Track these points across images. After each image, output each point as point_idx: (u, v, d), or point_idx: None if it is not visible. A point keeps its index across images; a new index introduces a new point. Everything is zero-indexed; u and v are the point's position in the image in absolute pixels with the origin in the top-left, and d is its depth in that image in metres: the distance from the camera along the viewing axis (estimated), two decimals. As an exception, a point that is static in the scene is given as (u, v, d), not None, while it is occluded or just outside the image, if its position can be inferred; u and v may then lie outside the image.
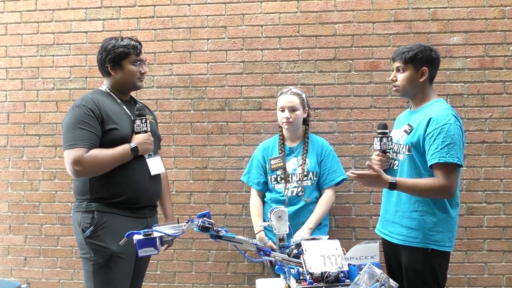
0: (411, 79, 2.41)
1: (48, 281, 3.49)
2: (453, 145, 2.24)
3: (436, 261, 2.34)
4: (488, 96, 3.24)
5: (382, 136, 2.45)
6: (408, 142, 2.39)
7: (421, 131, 2.33)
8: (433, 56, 2.42)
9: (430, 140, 2.28)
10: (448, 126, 2.26)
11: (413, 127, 2.39)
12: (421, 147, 2.33)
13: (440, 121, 2.28)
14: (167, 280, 3.42)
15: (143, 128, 2.39)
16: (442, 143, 2.24)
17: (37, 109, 3.50)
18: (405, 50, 2.42)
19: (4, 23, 3.52)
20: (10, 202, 3.52)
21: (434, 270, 2.34)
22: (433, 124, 2.29)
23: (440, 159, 2.24)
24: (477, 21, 3.25)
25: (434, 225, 2.33)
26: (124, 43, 2.41)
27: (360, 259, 1.80)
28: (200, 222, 1.82)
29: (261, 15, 3.36)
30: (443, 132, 2.25)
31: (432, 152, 2.26)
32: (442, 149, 2.24)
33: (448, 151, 2.23)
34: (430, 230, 2.33)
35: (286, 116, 2.87)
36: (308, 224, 2.80)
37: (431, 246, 2.32)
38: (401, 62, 2.41)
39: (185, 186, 3.41)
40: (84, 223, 2.29)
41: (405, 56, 2.39)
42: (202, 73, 3.40)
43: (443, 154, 2.23)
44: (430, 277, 2.33)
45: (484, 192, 3.24)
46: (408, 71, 2.41)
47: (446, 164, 2.24)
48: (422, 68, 2.39)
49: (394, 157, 2.49)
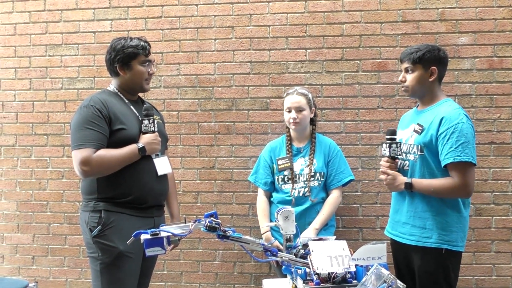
0: (420, 79, 2.40)
1: (56, 280, 3.51)
2: (467, 144, 2.25)
3: (449, 262, 2.33)
4: (496, 97, 3.22)
5: (391, 142, 2.43)
6: (420, 142, 2.37)
7: (433, 131, 2.32)
8: (441, 56, 2.41)
9: (443, 139, 2.28)
10: (461, 125, 2.26)
11: (424, 126, 2.38)
12: (433, 147, 2.33)
13: (452, 120, 2.28)
14: (174, 279, 3.43)
15: (151, 128, 2.40)
16: (456, 142, 2.25)
17: (45, 108, 3.52)
18: (413, 50, 2.41)
19: (13, 23, 3.54)
20: (18, 201, 3.54)
21: (447, 271, 2.33)
22: (445, 123, 2.29)
23: (455, 158, 2.24)
24: (485, 21, 3.23)
25: (448, 225, 2.33)
26: (133, 44, 2.41)
27: (367, 260, 1.79)
28: (207, 222, 1.81)
29: (268, 15, 3.36)
30: (456, 131, 2.25)
31: (447, 152, 2.26)
32: (456, 148, 2.24)
33: (462, 150, 2.24)
34: (444, 230, 2.32)
35: (293, 117, 2.86)
36: (315, 224, 2.80)
37: (445, 246, 2.31)
38: (409, 62, 2.41)
39: (192, 186, 3.42)
40: (92, 222, 2.29)
41: (414, 57, 2.38)
42: (209, 73, 3.40)
43: (458, 153, 2.24)
44: (442, 278, 2.32)
45: (493, 193, 3.22)
46: (417, 71, 2.40)
47: (461, 163, 2.25)
48: (431, 68, 2.39)
49: (404, 157, 2.47)
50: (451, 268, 2.34)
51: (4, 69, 3.56)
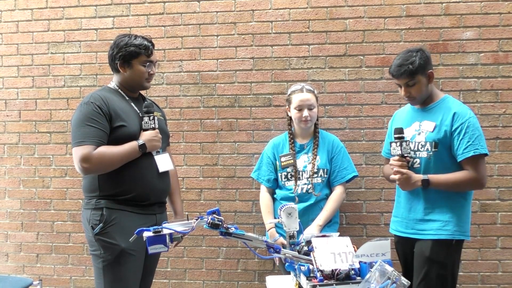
0: (424, 86, 2.46)
1: (60, 278, 3.51)
2: (481, 137, 2.37)
3: (456, 252, 2.43)
4: (501, 92, 3.20)
5: (402, 141, 2.44)
6: (434, 138, 2.41)
7: (447, 127, 2.39)
8: (427, 55, 2.47)
9: (459, 134, 2.36)
10: (472, 119, 2.38)
11: (436, 123, 2.42)
12: (448, 142, 2.39)
13: (464, 115, 2.38)
14: (178, 277, 3.43)
15: (151, 125, 2.39)
16: (473, 135, 2.34)
17: (48, 106, 3.52)
18: (406, 63, 2.40)
19: (15, 20, 3.54)
20: (22, 199, 3.55)
21: (454, 261, 2.42)
22: (459, 119, 2.37)
23: (475, 152, 2.33)
24: (490, 16, 3.20)
25: (464, 215, 2.42)
26: (136, 42, 2.39)
27: (371, 256, 1.78)
28: (209, 219, 1.81)
29: (271, 11, 3.34)
30: (471, 125, 2.35)
31: (465, 146, 2.34)
32: (474, 141, 2.34)
33: (479, 142, 2.34)
34: (461, 221, 2.40)
35: (306, 115, 2.83)
36: (318, 221, 2.78)
37: (459, 237, 2.40)
38: (408, 77, 2.41)
39: (195, 183, 3.41)
40: (94, 220, 2.29)
41: (411, 70, 2.39)
42: (211, 70, 3.39)
43: (477, 147, 2.33)
44: (450, 268, 2.39)
45: (498, 189, 3.20)
46: (418, 81, 2.43)
47: (478, 156, 2.34)
48: (429, 72, 2.44)
49: (413, 155, 2.48)
50: (457, 257, 2.45)
51: (6, 67, 3.56)
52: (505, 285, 3.19)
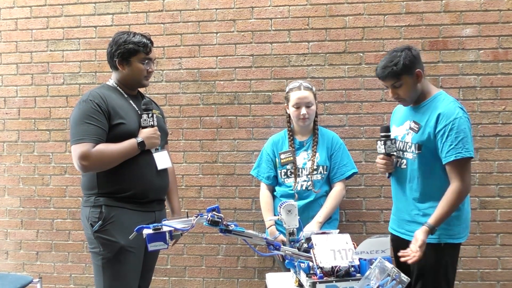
0: (412, 87, 2.35)
1: (60, 276, 3.52)
2: (466, 139, 2.23)
3: (447, 255, 2.33)
4: (501, 89, 3.19)
5: (386, 139, 2.43)
6: (418, 140, 2.35)
7: (431, 128, 2.30)
8: (414, 54, 2.34)
9: (442, 137, 2.26)
10: (458, 120, 2.24)
11: (421, 124, 2.35)
12: (432, 144, 2.30)
13: (449, 116, 2.26)
14: (178, 274, 3.43)
15: (150, 122, 2.38)
16: (456, 138, 2.23)
17: (47, 104, 3.52)
18: (390, 65, 2.31)
19: (14, 18, 3.53)
20: (21, 197, 3.54)
21: (446, 264, 2.33)
22: (442, 120, 2.26)
23: (456, 156, 2.22)
24: (490, 13, 3.19)
25: (450, 219, 2.29)
26: (135, 40, 2.38)
27: (371, 253, 1.79)
28: (209, 216, 1.81)
29: (270, 8, 3.33)
30: (454, 128, 2.23)
31: (447, 149, 2.24)
32: (457, 145, 2.22)
33: (463, 145, 2.22)
34: (448, 225, 2.30)
35: (304, 113, 2.83)
36: (318, 218, 2.78)
37: (447, 240, 2.31)
38: (394, 79, 2.33)
39: (195, 180, 3.41)
40: (93, 217, 2.29)
41: (396, 71, 2.30)
42: (211, 67, 3.38)
43: (459, 150, 2.22)
44: (442, 271, 2.31)
45: (497, 186, 3.20)
46: (405, 82, 2.33)
47: (464, 160, 2.23)
48: (416, 72, 2.33)
49: (401, 155, 2.45)
50: (450, 261, 2.35)
51: (5, 65, 3.55)
52: (504, 282, 3.20)
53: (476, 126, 3.18)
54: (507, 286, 3.20)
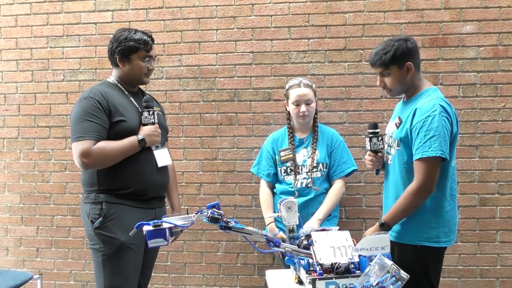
0: (399, 78, 2.29)
1: (60, 272, 3.52)
2: (436, 138, 2.12)
3: (427, 257, 2.25)
4: (501, 86, 3.19)
5: (372, 136, 2.41)
6: (397, 136, 2.31)
7: (408, 124, 2.24)
8: (410, 47, 2.27)
9: (414, 133, 2.19)
10: (431, 118, 2.14)
11: (402, 120, 2.30)
12: (409, 141, 2.24)
13: (423, 113, 2.17)
14: (178, 271, 3.44)
15: (151, 120, 2.39)
16: (425, 136, 2.14)
17: (47, 100, 3.52)
18: (381, 52, 2.27)
19: (14, 14, 3.53)
20: (21, 193, 3.55)
21: (426, 266, 2.24)
22: (417, 116, 2.19)
23: (422, 154, 2.14)
24: (490, 10, 3.19)
25: (426, 221, 2.23)
26: (136, 37, 2.38)
27: (371, 250, 1.79)
28: (209, 213, 1.81)
29: (270, 5, 3.33)
30: (425, 125, 2.14)
31: (416, 147, 2.17)
32: (424, 143, 2.14)
33: (430, 144, 2.12)
34: (423, 227, 2.23)
35: (303, 111, 2.83)
36: (317, 215, 2.79)
37: (422, 243, 2.23)
38: (382, 66, 2.28)
39: (195, 177, 3.41)
40: (93, 214, 2.30)
41: (385, 59, 2.25)
42: (211, 64, 3.38)
43: (426, 149, 2.13)
44: (422, 273, 2.21)
45: (497, 183, 3.20)
46: (393, 72, 2.28)
47: (427, 159, 2.14)
48: (406, 64, 2.26)
49: (389, 151, 2.42)
50: (431, 265, 2.26)
51: (5, 61, 3.55)
52: (503, 278, 3.20)
53: (476, 123, 3.19)
54: (506, 283, 3.21)
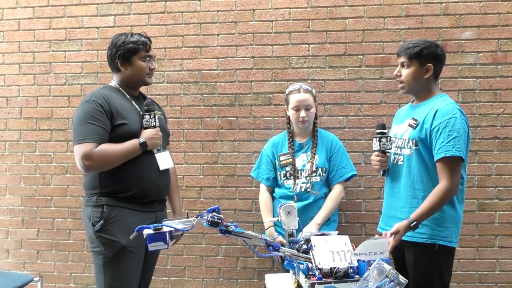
0: (415, 75, 2.37)
1: (60, 275, 3.53)
2: (459, 139, 2.21)
3: (442, 258, 2.31)
4: (500, 92, 3.21)
5: (381, 136, 2.44)
6: (415, 136, 2.35)
7: (428, 125, 2.30)
8: (438, 53, 2.38)
9: (436, 134, 2.26)
10: (454, 119, 2.24)
11: (419, 121, 2.36)
12: (428, 141, 2.31)
13: (446, 114, 2.25)
14: (177, 274, 3.45)
15: (152, 123, 2.40)
16: (448, 136, 2.22)
17: (49, 104, 3.53)
18: (410, 45, 2.37)
19: (17, 18, 3.55)
20: (23, 196, 3.56)
21: (441, 267, 2.31)
22: (439, 117, 2.26)
23: (446, 153, 2.21)
24: (489, 16, 3.21)
25: (442, 220, 2.29)
26: (133, 39, 2.42)
27: (370, 255, 1.79)
28: (209, 217, 1.82)
29: (271, 11, 3.35)
30: (449, 126, 2.23)
31: (439, 146, 2.24)
32: (448, 143, 2.21)
33: (454, 144, 2.21)
34: (439, 226, 2.29)
35: (303, 116, 2.84)
36: (316, 219, 2.80)
37: (439, 242, 2.29)
38: (406, 57, 2.37)
39: (195, 181, 3.43)
40: (94, 217, 2.31)
41: (411, 52, 2.35)
42: (212, 69, 3.40)
43: (449, 148, 2.21)
44: (436, 274, 2.29)
45: (496, 188, 3.22)
46: (413, 67, 2.37)
47: (451, 158, 2.21)
48: (427, 65, 2.35)
49: (399, 152, 2.45)
50: (445, 265, 2.32)
51: (8, 65, 3.57)
52: (502, 284, 3.21)
53: (475, 128, 3.20)
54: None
